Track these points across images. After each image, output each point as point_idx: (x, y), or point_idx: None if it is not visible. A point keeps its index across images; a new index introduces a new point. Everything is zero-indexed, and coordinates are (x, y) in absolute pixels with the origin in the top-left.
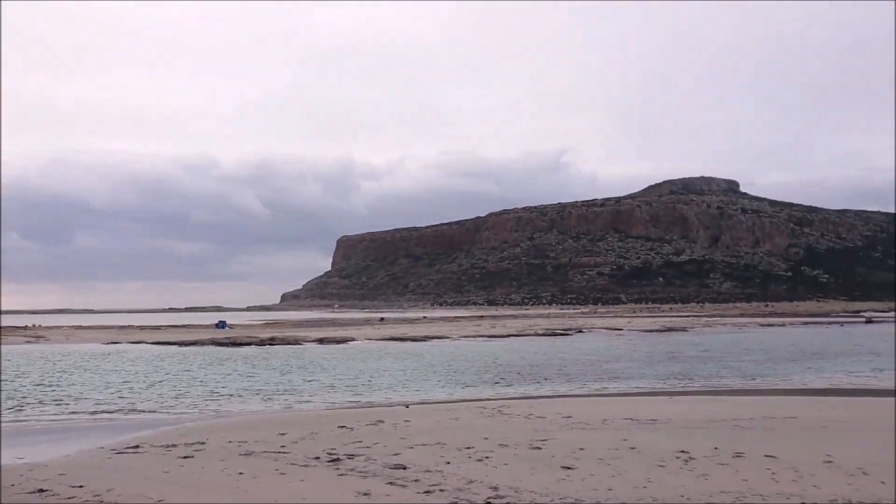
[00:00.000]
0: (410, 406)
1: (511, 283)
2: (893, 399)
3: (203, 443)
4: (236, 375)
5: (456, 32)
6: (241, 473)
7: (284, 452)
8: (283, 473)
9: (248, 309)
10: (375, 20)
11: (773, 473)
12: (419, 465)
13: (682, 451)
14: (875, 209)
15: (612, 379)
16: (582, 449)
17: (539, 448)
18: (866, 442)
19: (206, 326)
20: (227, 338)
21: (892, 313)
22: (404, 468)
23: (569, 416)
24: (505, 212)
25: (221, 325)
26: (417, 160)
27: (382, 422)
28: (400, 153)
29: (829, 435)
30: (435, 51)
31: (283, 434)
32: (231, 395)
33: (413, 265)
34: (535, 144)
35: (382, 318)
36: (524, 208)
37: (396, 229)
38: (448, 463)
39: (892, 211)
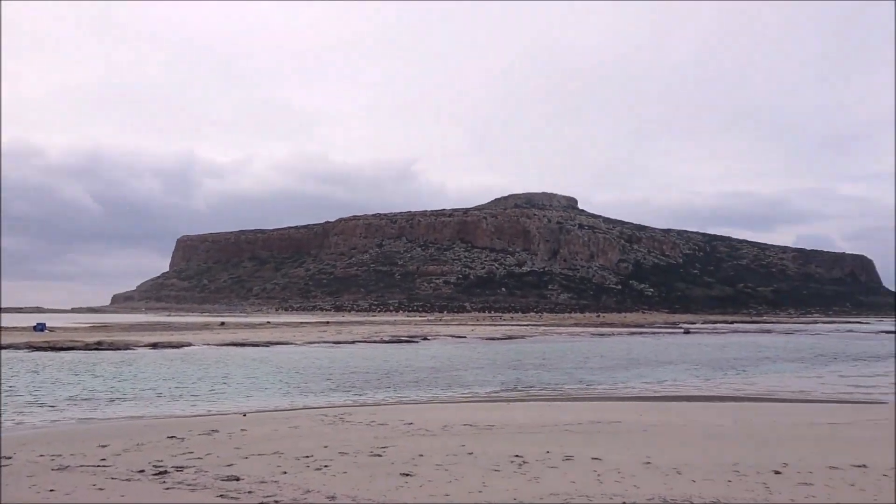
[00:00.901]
0: (248, 414)
1: (359, 289)
2: (709, 403)
3: (9, 458)
4: (53, 383)
5: (312, 33)
6: (51, 490)
7: (104, 466)
8: (101, 489)
9: (74, 311)
10: (227, 15)
11: (599, 475)
12: (254, 475)
13: (517, 456)
14: (694, 230)
15: (454, 385)
16: (421, 455)
17: (379, 455)
18: (681, 444)
19: (23, 329)
20: (45, 341)
21: (707, 325)
22: (238, 479)
23: (410, 423)
24: (354, 217)
25: (40, 327)
26: (265, 160)
27: (216, 431)
28: (247, 152)
29: (649, 438)
30: (287, 50)
31: (104, 446)
32: (46, 406)
33: (258, 269)
34: (386, 151)
35: (223, 323)
36: (374, 215)
37: (241, 231)
38: (285, 473)
39: (710, 232)
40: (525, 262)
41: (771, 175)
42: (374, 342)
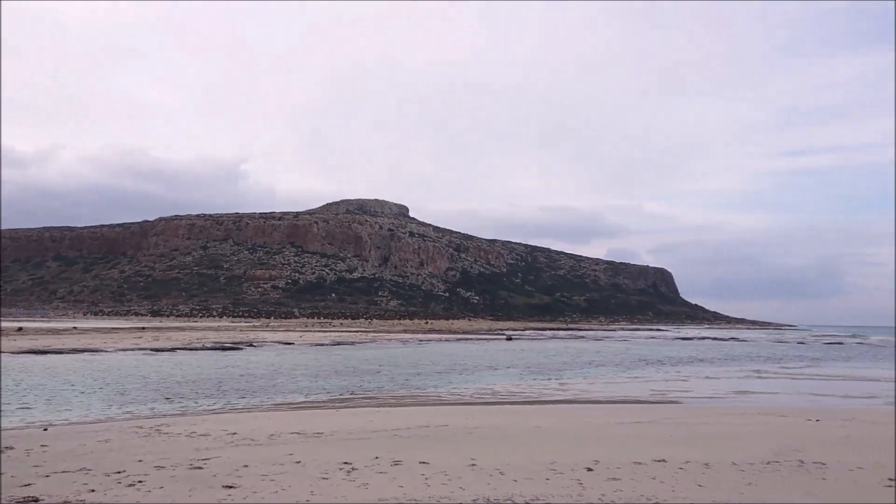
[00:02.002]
0: (50, 428)
1: (180, 293)
2: (532, 406)
3: None
4: None
5: (134, 19)
6: None
7: None
8: None
9: None
10: None
11: (427, 478)
12: (55, 495)
13: (346, 463)
14: (518, 240)
15: (281, 393)
16: (246, 466)
17: (200, 468)
18: (505, 446)
19: None
20: None
21: (528, 331)
22: (36, 501)
23: (234, 433)
24: (177, 217)
25: None
26: (75, 151)
27: (12, 448)
28: (52, 141)
29: (475, 441)
30: (104, 32)
31: None
32: None
33: (64, 269)
34: (213, 149)
35: (20, 328)
36: (198, 215)
37: (45, 228)
38: (92, 491)
39: (532, 243)
40: (356, 268)
41: (588, 191)
42: (196, 349)
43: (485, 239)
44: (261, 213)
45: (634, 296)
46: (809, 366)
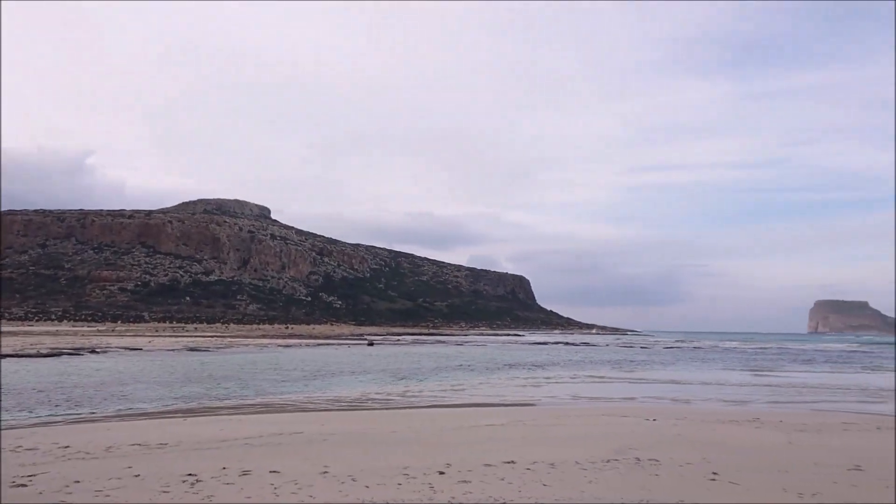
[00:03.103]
0: None
1: (14, 295)
2: (390, 411)
3: None
4: None
5: None
6: None
7: None
8: None
9: None
10: None
11: (276, 487)
12: None
13: (190, 474)
14: (382, 246)
15: (124, 402)
16: (78, 482)
17: (24, 485)
18: (359, 451)
19: None
20: None
21: (391, 336)
22: None
23: (66, 447)
24: (11, 212)
25: None
26: None
27: None
28: None
29: (329, 447)
30: None
31: None
32: None
33: None
34: (55, 140)
35: None
36: (36, 211)
37: None
38: None
39: (396, 248)
40: (213, 271)
41: (452, 198)
42: (30, 356)
43: (349, 243)
44: (109, 211)
45: (494, 302)
46: (648, 369)
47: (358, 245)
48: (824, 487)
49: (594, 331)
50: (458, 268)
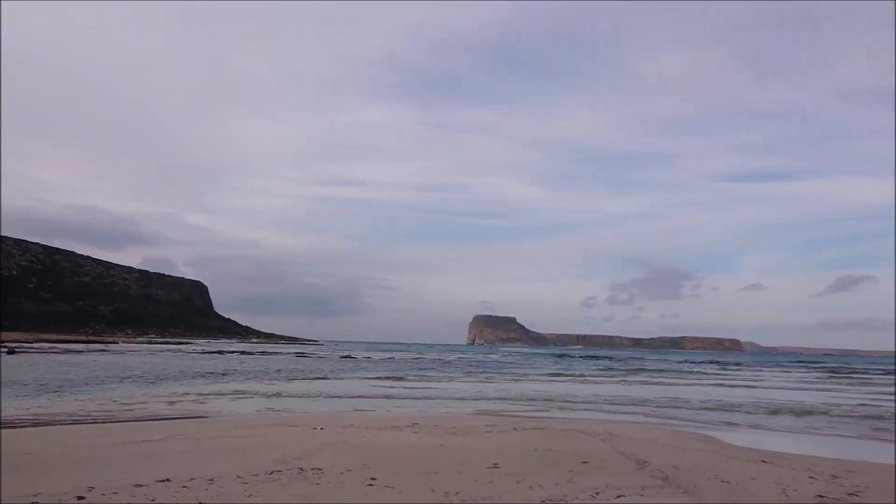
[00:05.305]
0: None
1: None
2: (33, 429)
3: None
4: None
5: None
6: None
7: None
8: None
9: None
10: None
11: None
12: None
13: None
14: (35, 240)
15: None
16: None
17: None
18: None
19: None
20: None
21: (41, 343)
22: None
23: None
24: None
25: None
26: None
27: None
28: None
29: None
30: None
31: None
32: None
33: None
34: None
35: None
36: None
37: None
38: None
39: (54, 245)
40: None
41: (126, 194)
42: None
43: None
44: None
45: (168, 308)
46: (322, 379)
47: (5, 238)
48: (466, 485)
49: (274, 340)
50: (128, 269)
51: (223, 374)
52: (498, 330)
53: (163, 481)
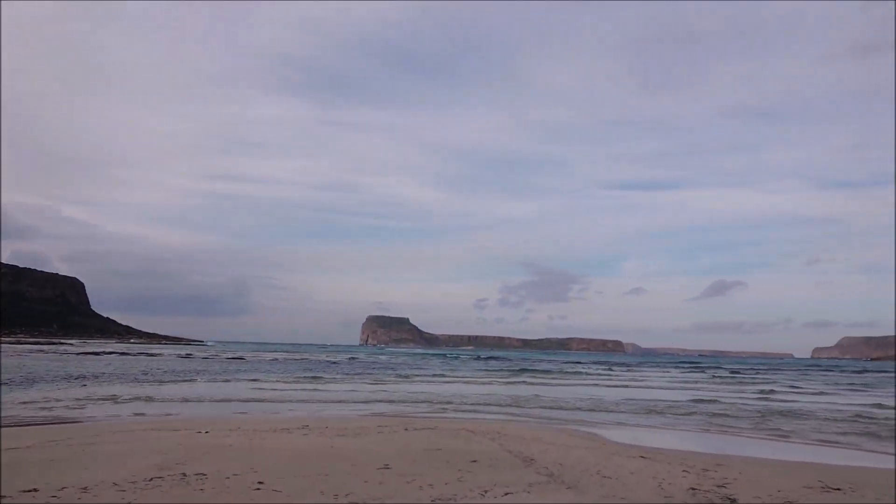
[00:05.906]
0: None
1: None
2: None
3: None
4: None
5: None
6: None
7: None
8: None
9: None
10: None
11: None
12: None
13: None
14: None
15: None
16: None
17: None
18: None
19: None
20: None
21: None
22: None
23: None
24: None
25: None
26: None
27: None
28: None
29: None
30: None
31: None
32: None
33: None
34: None
35: None
36: None
37: None
38: None
39: None
40: None
41: None
42: None
43: None
44: None
45: (39, 306)
46: (210, 380)
47: None
48: (357, 487)
49: (157, 341)
50: None
51: (99, 377)
52: (391, 330)
53: (29, 492)
